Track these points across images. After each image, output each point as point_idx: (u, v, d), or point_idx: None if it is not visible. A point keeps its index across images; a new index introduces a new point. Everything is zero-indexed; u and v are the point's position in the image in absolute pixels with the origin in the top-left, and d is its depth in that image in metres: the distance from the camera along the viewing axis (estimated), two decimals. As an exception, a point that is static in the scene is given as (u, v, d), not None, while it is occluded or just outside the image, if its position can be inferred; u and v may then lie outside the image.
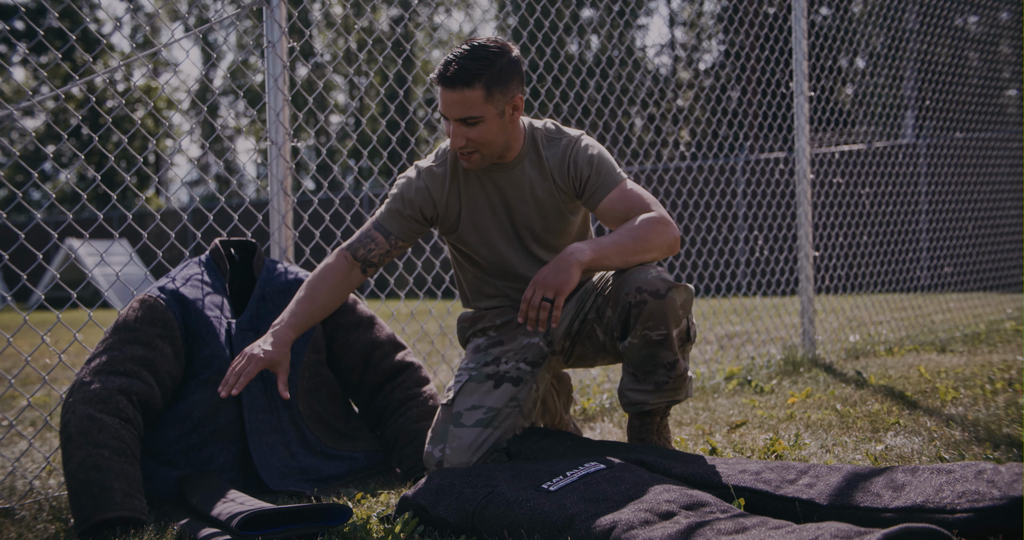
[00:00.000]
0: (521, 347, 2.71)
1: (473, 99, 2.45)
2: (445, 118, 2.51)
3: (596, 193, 2.60)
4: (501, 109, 2.50)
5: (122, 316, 2.65)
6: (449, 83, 2.44)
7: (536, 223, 2.67)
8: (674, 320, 2.48)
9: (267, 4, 3.28)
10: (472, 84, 2.43)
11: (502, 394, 2.61)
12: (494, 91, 2.46)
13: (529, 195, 2.65)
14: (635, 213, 2.56)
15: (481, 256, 2.71)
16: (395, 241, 2.66)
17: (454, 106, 2.46)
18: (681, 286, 2.50)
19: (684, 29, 28.72)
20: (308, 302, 2.59)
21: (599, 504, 2.00)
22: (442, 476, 2.27)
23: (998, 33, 9.36)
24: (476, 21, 29.51)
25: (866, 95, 10.23)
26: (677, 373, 2.57)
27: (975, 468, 2.02)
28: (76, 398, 2.43)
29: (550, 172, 2.64)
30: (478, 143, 2.51)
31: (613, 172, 2.62)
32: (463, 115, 2.46)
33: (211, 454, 2.65)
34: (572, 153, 2.63)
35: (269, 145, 3.31)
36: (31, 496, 2.69)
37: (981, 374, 4.30)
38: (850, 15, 9.15)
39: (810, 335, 5.16)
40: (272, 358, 2.47)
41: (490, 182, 2.66)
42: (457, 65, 2.43)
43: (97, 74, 2.95)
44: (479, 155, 2.54)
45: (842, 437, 3.07)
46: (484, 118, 2.47)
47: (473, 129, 2.49)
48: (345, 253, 2.65)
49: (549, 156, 2.64)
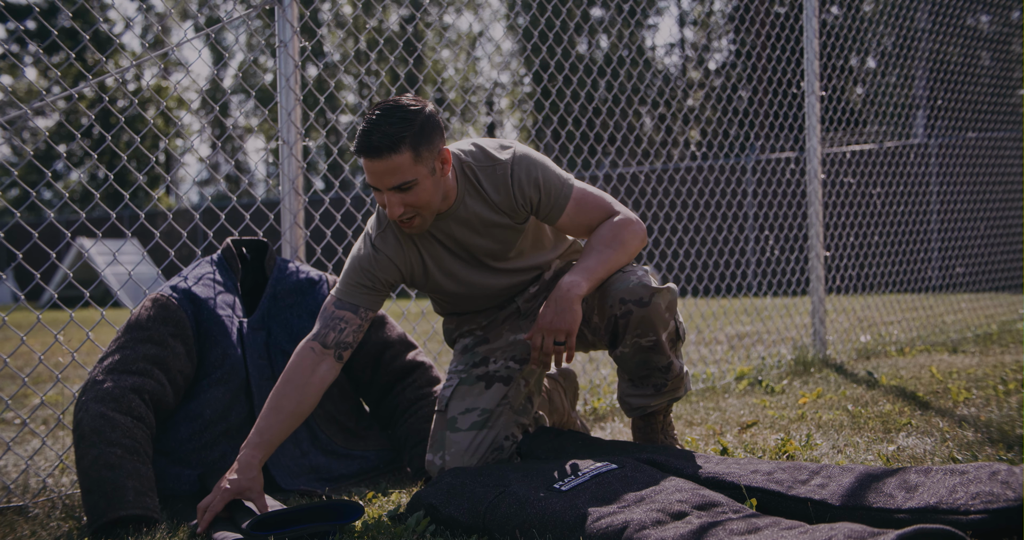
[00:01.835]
0: (508, 344, 2.70)
1: (402, 164, 2.27)
2: (375, 190, 2.34)
3: (552, 212, 2.51)
4: (431, 167, 2.34)
5: (134, 315, 2.65)
6: (374, 152, 2.26)
7: (496, 248, 2.57)
8: (661, 325, 2.48)
9: (279, 4, 3.28)
10: (398, 149, 2.26)
11: (494, 394, 2.60)
12: (421, 150, 2.30)
13: (478, 229, 2.52)
14: (597, 220, 2.52)
15: (455, 292, 2.64)
16: (364, 313, 2.49)
17: (385, 175, 2.29)
18: (663, 289, 2.48)
19: (694, 28, 28.67)
20: (273, 414, 2.34)
21: (611, 504, 2.00)
22: (454, 475, 2.27)
23: (1010, 32, 9.32)
24: (486, 21, 29.53)
25: (877, 94, 10.19)
26: (673, 374, 2.59)
27: (989, 469, 2.02)
28: (89, 397, 2.44)
29: (494, 203, 2.49)
30: (417, 207, 2.35)
31: (561, 186, 2.51)
32: (396, 182, 2.29)
33: (223, 452, 2.66)
34: (514, 181, 2.47)
35: (281, 144, 3.31)
36: (44, 494, 2.70)
37: (993, 375, 4.28)
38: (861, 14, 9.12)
39: (821, 335, 5.14)
40: (240, 487, 2.25)
41: (438, 231, 2.52)
42: (379, 133, 2.26)
43: (109, 74, 2.97)
44: (420, 218, 2.39)
45: (854, 438, 3.06)
46: (417, 180, 2.31)
47: (409, 194, 2.32)
48: (311, 344, 2.43)
49: (487, 187, 2.49)
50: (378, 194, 2.37)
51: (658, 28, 29.60)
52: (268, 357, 2.79)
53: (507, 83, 29.19)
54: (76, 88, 2.88)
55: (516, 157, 2.50)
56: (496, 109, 30.62)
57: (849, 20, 6.73)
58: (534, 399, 2.68)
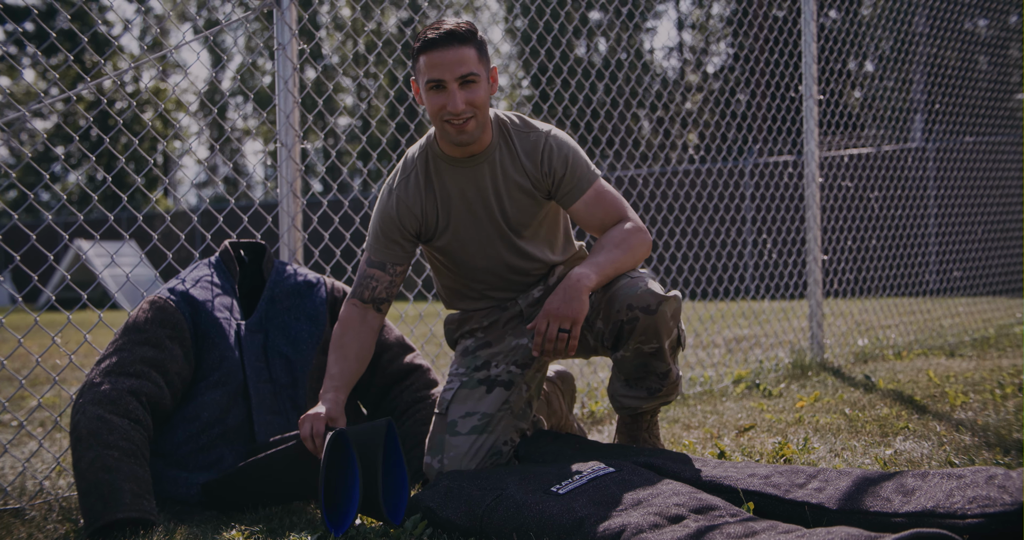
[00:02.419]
0: (510, 349, 2.70)
1: (471, 56, 2.41)
2: (437, 87, 2.42)
3: (570, 192, 2.57)
4: (486, 75, 2.47)
5: (132, 317, 2.65)
6: (446, 41, 2.38)
7: (513, 214, 2.62)
8: (666, 333, 2.50)
9: (277, 6, 3.28)
10: (469, 42, 2.40)
11: (495, 399, 2.60)
12: (483, 53, 2.46)
13: (503, 185, 2.59)
14: (612, 220, 2.56)
15: (462, 258, 2.67)
16: (392, 269, 2.61)
17: (456, 64, 2.39)
18: (671, 297, 2.49)
19: (693, 32, 28.70)
20: (341, 360, 2.53)
21: (608, 507, 2.00)
22: (451, 478, 2.27)
23: (1008, 37, 9.33)
24: (485, 23, 29.55)
25: (875, 98, 10.20)
26: (670, 380, 2.61)
27: (986, 473, 2.02)
28: (86, 399, 2.44)
29: (523, 166, 2.58)
30: (475, 107, 2.44)
31: (587, 171, 2.59)
32: (464, 71, 2.39)
33: (220, 455, 2.66)
34: (545, 149, 2.57)
35: (279, 147, 3.31)
36: (41, 496, 2.70)
37: (991, 379, 4.29)
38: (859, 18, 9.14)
39: (818, 339, 5.15)
40: (331, 414, 2.39)
41: (463, 176, 2.59)
42: (453, 27, 2.39)
43: (107, 76, 2.96)
44: (475, 121, 2.47)
45: (851, 441, 3.06)
46: (480, 77, 2.43)
47: (470, 91, 2.42)
48: (353, 301, 2.61)
49: (521, 149, 2.59)
50: (437, 95, 2.43)
51: (656, 31, 29.60)
52: (266, 359, 2.79)
53: (506, 86, 29.22)
54: (74, 90, 2.88)
55: (553, 132, 2.62)
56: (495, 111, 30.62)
57: (847, 24, 6.74)
58: (533, 403, 2.68)
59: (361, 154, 23.52)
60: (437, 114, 2.46)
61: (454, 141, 2.50)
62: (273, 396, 2.76)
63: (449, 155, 2.58)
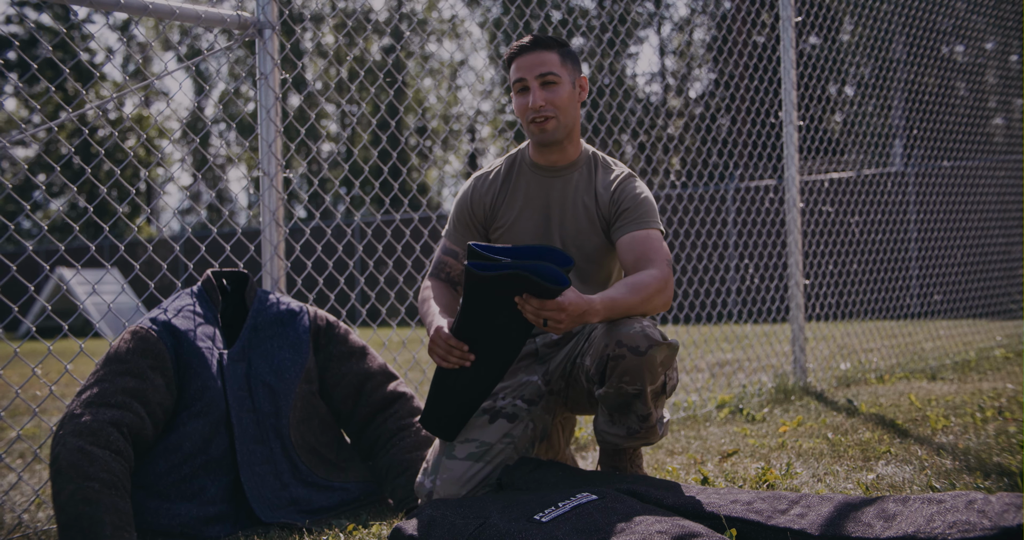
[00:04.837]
0: (519, 384, 2.70)
1: (551, 59, 2.60)
2: (522, 89, 2.62)
3: (627, 225, 2.64)
4: (572, 80, 2.65)
5: (113, 347, 2.64)
6: (528, 47, 2.61)
7: (569, 229, 2.71)
8: (651, 377, 2.45)
9: (260, 36, 3.30)
10: (549, 48, 2.61)
11: (496, 429, 2.60)
12: (567, 61, 2.64)
13: (571, 202, 2.72)
14: (645, 261, 2.56)
15: None
16: (464, 258, 2.75)
17: (534, 65, 2.60)
18: (664, 344, 2.45)
19: (674, 58, 28.93)
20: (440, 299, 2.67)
21: (591, 535, 2.00)
22: (434, 507, 2.27)
23: (984, 63, 9.45)
24: (467, 50, 29.70)
25: (855, 123, 10.30)
26: (649, 424, 2.55)
27: (966, 498, 2.03)
28: (67, 430, 2.42)
29: (596, 193, 2.71)
30: (556, 107, 2.61)
31: (652, 216, 2.67)
32: (543, 71, 2.59)
33: (203, 486, 2.64)
34: (622, 184, 2.71)
35: (261, 176, 3.32)
36: (20, 530, 2.68)
37: (971, 402, 4.31)
38: (839, 44, 9.23)
39: (801, 363, 5.17)
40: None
41: (539, 183, 2.74)
42: (532, 36, 2.62)
43: (89, 105, 2.97)
44: (555, 121, 2.62)
45: (833, 466, 3.07)
46: (561, 79, 2.61)
47: (551, 90, 2.60)
48: (431, 279, 2.79)
49: (601, 179, 2.73)
50: (522, 96, 2.64)
51: (638, 57, 29.83)
52: (248, 389, 2.78)
53: (489, 111, 29.33)
54: (56, 121, 2.88)
55: (633, 175, 2.77)
56: (478, 137, 30.73)
57: (827, 50, 6.81)
58: (536, 444, 2.68)
59: (344, 181, 23.53)
60: (522, 114, 2.65)
61: (536, 140, 2.66)
62: (256, 425, 2.76)
63: (534, 161, 2.75)
